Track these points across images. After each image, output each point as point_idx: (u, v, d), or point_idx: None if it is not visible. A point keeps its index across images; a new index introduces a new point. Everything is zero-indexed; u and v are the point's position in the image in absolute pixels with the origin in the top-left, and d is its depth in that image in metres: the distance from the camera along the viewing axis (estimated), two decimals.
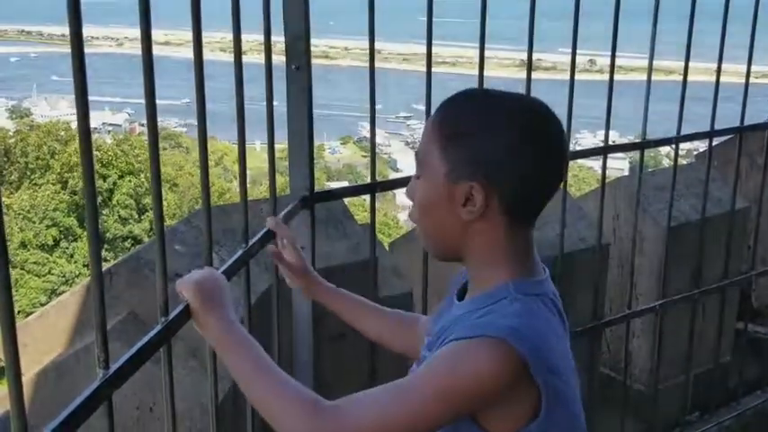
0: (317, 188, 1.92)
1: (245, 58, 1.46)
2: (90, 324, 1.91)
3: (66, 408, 0.92)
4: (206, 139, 1.29)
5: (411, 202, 1.25)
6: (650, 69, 2.55)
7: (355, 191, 2.38)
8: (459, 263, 1.26)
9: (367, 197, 2.07)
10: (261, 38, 1.52)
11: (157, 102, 1.11)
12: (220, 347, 1.19)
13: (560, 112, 1.27)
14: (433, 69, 2.06)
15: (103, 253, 28.83)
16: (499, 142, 1.14)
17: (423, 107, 2.00)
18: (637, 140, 2.78)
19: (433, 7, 1.98)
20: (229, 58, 1.46)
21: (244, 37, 1.45)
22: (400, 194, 2.40)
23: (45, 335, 1.84)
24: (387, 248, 2.76)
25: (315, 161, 1.95)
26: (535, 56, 2.28)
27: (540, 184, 1.18)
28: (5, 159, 29.63)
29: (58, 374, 1.76)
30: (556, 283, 1.25)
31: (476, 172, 1.14)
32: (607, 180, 2.65)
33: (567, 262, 2.48)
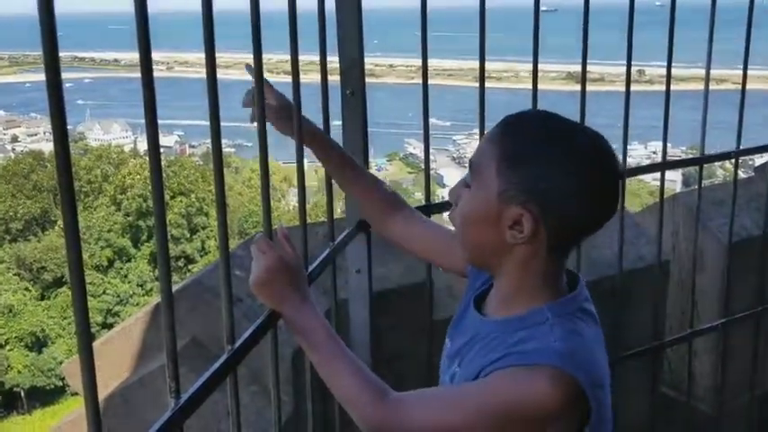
0: None
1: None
2: (153, 349, 1.94)
3: None
4: (267, 172, 1.30)
5: (453, 205, 1.27)
6: (707, 83, 2.50)
7: None
8: (489, 272, 1.29)
9: None
10: (308, 58, 1.53)
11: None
12: (301, 334, 1.26)
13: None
14: (476, 84, 2.05)
15: (158, 272, 29.38)
16: (557, 176, 1.13)
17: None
18: (691, 152, 2.74)
19: (486, 23, 1.96)
20: (276, 78, 1.48)
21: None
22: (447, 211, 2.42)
23: (111, 360, 1.88)
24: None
25: None
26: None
27: (587, 225, 1.20)
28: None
29: (123, 399, 1.79)
30: (615, 302, 1.25)
31: (529, 199, 1.13)
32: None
33: (626, 280, 2.44)
